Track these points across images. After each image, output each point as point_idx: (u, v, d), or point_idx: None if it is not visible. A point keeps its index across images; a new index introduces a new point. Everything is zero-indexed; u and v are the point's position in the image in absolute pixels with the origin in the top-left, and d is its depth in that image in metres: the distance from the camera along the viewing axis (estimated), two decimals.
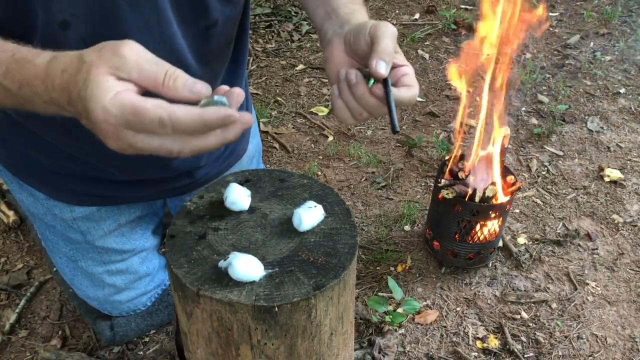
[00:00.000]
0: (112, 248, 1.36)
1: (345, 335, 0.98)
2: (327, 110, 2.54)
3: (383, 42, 0.83)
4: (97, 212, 1.30)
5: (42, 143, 1.12)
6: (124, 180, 1.23)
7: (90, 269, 1.39)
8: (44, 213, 1.31)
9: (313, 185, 1.03)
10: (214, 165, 1.33)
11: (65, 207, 1.27)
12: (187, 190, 1.33)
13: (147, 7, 0.89)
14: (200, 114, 0.62)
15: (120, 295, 1.46)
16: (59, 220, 1.31)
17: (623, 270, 1.83)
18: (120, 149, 0.64)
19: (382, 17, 3.25)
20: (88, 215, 1.29)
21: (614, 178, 2.16)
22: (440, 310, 1.69)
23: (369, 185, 2.14)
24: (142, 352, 1.58)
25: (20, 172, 1.25)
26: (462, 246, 1.70)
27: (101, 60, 0.62)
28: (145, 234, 1.42)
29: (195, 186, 1.32)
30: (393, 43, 0.84)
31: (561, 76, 2.74)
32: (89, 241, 1.34)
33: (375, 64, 0.81)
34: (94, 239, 1.33)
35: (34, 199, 1.29)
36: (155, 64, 0.63)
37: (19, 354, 1.58)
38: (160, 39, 0.94)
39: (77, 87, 0.62)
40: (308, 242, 0.92)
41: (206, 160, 1.28)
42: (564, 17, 3.25)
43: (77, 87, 0.62)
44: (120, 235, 1.37)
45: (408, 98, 0.84)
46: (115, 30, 0.88)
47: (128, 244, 1.39)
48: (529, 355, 1.58)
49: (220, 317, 0.84)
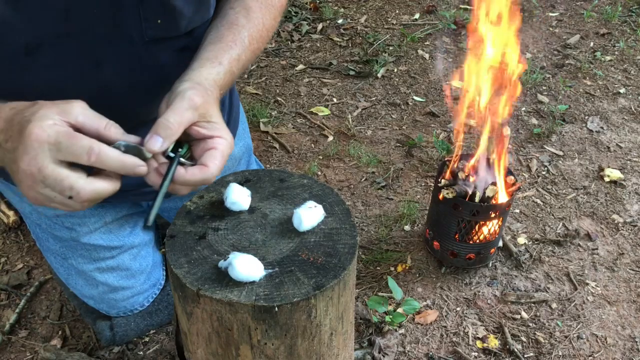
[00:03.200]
0: (99, 245, 1.36)
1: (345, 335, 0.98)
2: (327, 110, 2.55)
3: (171, 111, 0.76)
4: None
5: None
6: None
7: (81, 266, 1.39)
8: (30, 211, 1.31)
9: (313, 185, 1.03)
10: None
11: None
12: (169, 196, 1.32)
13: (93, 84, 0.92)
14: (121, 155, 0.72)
15: (115, 294, 1.46)
16: (44, 218, 1.30)
17: (623, 270, 1.83)
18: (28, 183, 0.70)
19: (382, 17, 3.26)
20: (71, 212, 1.28)
21: (614, 178, 2.16)
22: (440, 310, 1.69)
23: (369, 185, 2.14)
24: (142, 352, 1.58)
25: (3, 172, 1.24)
26: (462, 246, 1.70)
27: (53, 104, 0.70)
28: (134, 231, 1.41)
29: None
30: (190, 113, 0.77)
31: (561, 76, 2.74)
32: (75, 238, 1.33)
33: (147, 138, 0.75)
34: (79, 235, 1.33)
35: (19, 197, 1.29)
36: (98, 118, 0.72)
37: (19, 354, 1.58)
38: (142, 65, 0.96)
39: (22, 116, 0.69)
40: (308, 242, 0.92)
41: None
42: (564, 17, 3.25)
43: (22, 116, 0.69)
44: (108, 232, 1.35)
45: (196, 180, 0.77)
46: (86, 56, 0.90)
47: (116, 241, 1.38)
48: (529, 355, 1.58)
49: (220, 317, 0.84)
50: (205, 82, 0.86)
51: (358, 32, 3.12)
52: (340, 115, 2.52)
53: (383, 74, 2.77)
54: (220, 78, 0.90)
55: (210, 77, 0.88)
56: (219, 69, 0.90)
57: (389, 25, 3.19)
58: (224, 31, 0.96)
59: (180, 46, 1.00)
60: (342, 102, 2.61)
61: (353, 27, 3.16)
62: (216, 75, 0.89)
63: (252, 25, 1.00)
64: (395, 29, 3.15)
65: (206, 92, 0.83)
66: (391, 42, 3.03)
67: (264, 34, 1.03)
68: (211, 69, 0.89)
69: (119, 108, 0.85)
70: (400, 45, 2.99)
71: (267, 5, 1.05)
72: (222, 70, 0.91)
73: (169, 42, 0.99)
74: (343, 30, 3.15)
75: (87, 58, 0.91)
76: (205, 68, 0.89)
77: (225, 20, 0.99)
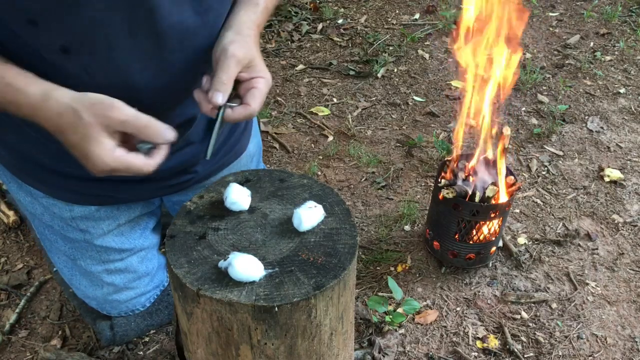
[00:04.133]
0: (111, 247, 1.36)
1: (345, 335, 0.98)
2: (327, 110, 2.55)
3: (221, 70, 0.92)
4: (96, 211, 1.30)
5: (42, 144, 1.12)
6: (121, 180, 1.23)
7: (89, 267, 1.39)
8: (42, 212, 1.31)
9: (313, 185, 1.03)
10: (210, 162, 1.33)
11: (64, 206, 1.27)
12: (184, 188, 1.33)
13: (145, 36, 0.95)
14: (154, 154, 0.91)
15: (119, 295, 1.46)
16: (57, 219, 1.31)
17: (623, 270, 1.83)
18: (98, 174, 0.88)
19: (382, 17, 3.26)
20: (87, 215, 1.29)
21: (614, 178, 2.16)
22: (440, 310, 1.69)
23: (369, 185, 2.14)
24: (142, 352, 1.58)
25: (20, 172, 1.25)
26: (462, 246, 1.70)
27: (95, 119, 0.82)
28: (144, 233, 1.42)
29: (193, 183, 1.33)
30: (236, 67, 0.92)
31: (561, 76, 2.74)
32: (88, 240, 1.34)
33: (211, 95, 0.90)
34: (93, 237, 1.33)
35: (32, 198, 1.29)
36: (136, 118, 0.84)
37: (19, 354, 1.58)
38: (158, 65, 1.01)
39: (77, 137, 0.84)
40: (308, 242, 0.92)
41: (199, 158, 1.28)
42: (564, 17, 3.25)
43: (76, 136, 0.84)
44: (120, 235, 1.36)
45: (241, 117, 0.94)
46: (114, 61, 0.96)
47: (127, 243, 1.39)
48: (529, 355, 1.58)
49: (220, 317, 0.84)
50: (244, 29, 0.98)
51: (358, 32, 3.12)
52: (340, 115, 2.53)
53: (383, 74, 2.77)
54: (258, 17, 1.03)
55: (249, 19, 1.00)
56: (255, 9, 1.03)
57: (389, 25, 3.19)
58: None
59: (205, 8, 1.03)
60: (342, 102, 2.61)
61: (353, 27, 3.16)
62: (254, 15, 1.02)
63: None
64: (395, 29, 3.15)
65: (245, 40, 0.96)
66: (391, 42, 3.03)
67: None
68: (249, 11, 1.02)
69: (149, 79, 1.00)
70: (400, 45, 2.99)
71: None
72: (258, 9, 1.03)
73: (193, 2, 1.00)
74: (343, 30, 3.15)
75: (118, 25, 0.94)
76: (245, 10, 1.02)
77: None
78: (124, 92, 1.00)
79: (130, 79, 1.00)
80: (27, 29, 0.88)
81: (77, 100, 0.83)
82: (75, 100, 0.83)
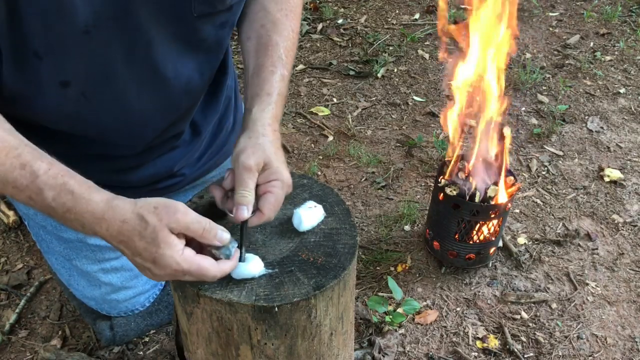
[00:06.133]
0: (105, 246, 1.36)
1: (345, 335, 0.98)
2: (327, 110, 2.55)
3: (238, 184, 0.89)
4: None
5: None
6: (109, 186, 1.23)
7: (85, 267, 1.39)
8: (35, 212, 1.31)
9: (313, 185, 1.03)
10: (196, 165, 1.34)
11: None
12: (173, 190, 1.33)
13: (141, 63, 0.96)
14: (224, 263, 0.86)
15: (117, 295, 1.46)
16: (50, 220, 1.30)
17: (623, 270, 1.83)
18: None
19: (382, 17, 3.26)
20: None
21: (614, 178, 2.16)
22: (440, 310, 1.69)
23: (369, 185, 2.14)
24: (142, 352, 1.58)
25: None
26: (462, 246, 1.70)
27: (161, 222, 0.79)
28: None
29: (183, 185, 1.33)
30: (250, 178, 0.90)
31: (561, 76, 2.74)
32: (82, 239, 1.34)
33: (235, 211, 0.88)
34: (87, 237, 1.33)
35: None
36: (198, 222, 0.82)
37: (19, 354, 1.58)
38: (154, 88, 1.01)
39: (144, 242, 0.81)
40: (308, 242, 0.92)
41: (185, 162, 1.29)
42: (564, 17, 3.25)
43: (143, 241, 0.81)
44: None
45: (255, 225, 0.91)
46: (112, 87, 0.96)
47: None
48: (529, 355, 1.58)
49: (220, 317, 0.84)
50: (258, 128, 0.95)
51: (358, 32, 3.12)
52: (340, 115, 2.52)
53: (383, 74, 2.77)
54: (273, 108, 0.99)
55: (263, 117, 0.97)
56: (268, 100, 0.99)
57: (389, 25, 3.19)
58: (262, 58, 1.03)
59: (221, 21, 1.03)
60: (342, 102, 2.61)
61: (353, 27, 3.16)
62: (268, 108, 0.98)
63: (283, 39, 1.06)
64: (395, 29, 3.15)
65: (258, 143, 0.93)
66: (391, 42, 3.03)
67: (294, 39, 1.09)
68: (262, 106, 0.98)
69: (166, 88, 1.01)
70: (400, 45, 2.99)
71: (290, 11, 1.10)
72: (272, 100, 0.99)
73: (213, 17, 1.01)
74: (343, 30, 3.15)
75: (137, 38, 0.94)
76: (257, 106, 0.98)
77: (259, 44, 1.06)
78: (120, 113, 1.03)
79: (128, 103, 1.01)
80: (31, 62, 0.87)
81: (141, 205, 0.82)
82: (138, 206, 0.82)
